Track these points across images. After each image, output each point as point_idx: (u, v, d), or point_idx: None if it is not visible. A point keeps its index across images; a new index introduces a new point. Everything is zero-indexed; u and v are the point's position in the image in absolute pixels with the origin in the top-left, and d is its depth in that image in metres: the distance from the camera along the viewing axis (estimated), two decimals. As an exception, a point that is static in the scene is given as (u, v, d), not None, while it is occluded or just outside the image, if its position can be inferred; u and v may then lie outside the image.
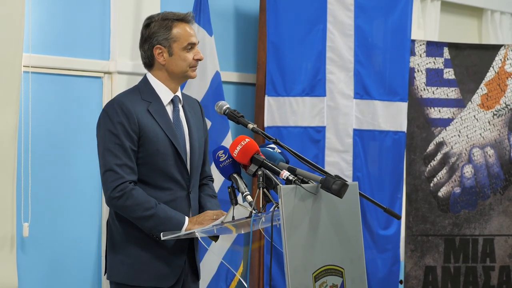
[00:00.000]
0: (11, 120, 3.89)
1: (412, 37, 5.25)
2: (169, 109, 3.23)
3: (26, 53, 3.99)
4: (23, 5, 3.91)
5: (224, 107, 3.12)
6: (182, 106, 3.29)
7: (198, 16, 4.56)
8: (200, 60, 3.22)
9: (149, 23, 3.22)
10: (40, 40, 4.11)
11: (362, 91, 5.06)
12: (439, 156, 5.37)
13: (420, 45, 5.33)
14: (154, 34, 3.19)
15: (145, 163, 3.13)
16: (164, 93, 3.22)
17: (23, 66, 3.98)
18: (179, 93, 3.28)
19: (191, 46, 3.20)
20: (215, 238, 3.15)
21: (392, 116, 5.12)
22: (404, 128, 5.16)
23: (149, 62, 3.25)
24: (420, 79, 5.32)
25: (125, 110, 3.10)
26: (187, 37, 3.19)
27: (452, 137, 5.38)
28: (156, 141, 3.12)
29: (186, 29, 3.20)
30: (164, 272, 3.13)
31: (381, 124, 5.10)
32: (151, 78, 3.24)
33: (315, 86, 4.98)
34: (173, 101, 3.24)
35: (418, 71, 5.32)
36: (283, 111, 4.91)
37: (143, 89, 3.22)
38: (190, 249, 3.21)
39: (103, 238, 4.36)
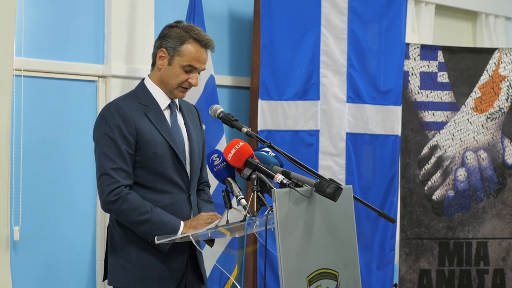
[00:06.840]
0: (4, 123, 3.88)
1: (406, 41, 5.25)
2: (167, 114, 3.23)
3: (19, 56, 3.98)
4: (14, 8, 3.90)
5: (218, 111, 3.12)
6: (180, 111, 3.29)
7: (192, 20, 4.55)
8: (192, 85, 3.20)
9: (173, 26, 3.21)
10: (33, 44, 4.10)
11: (355, 95, 5.06)
12: (433, 160, 5.37)
13: (414, 48, 5.33)
14: (168, 38, 3.18)
15: (143, 166, 3.13)
16: (161, 98, 3.22)
17: (16, 70, 3.97)
18: (176, 99, 3.28)
19: (191, 69, 3.17)
20: (211, 243, 3.15)
21: (385, 120, 5.12)
22: (398, 131, 5.16)
23: (153, 60, 3.25)
24: (414, 82, 5.32)
25: (121, 113, 3.10)
26: (191, 59, 3.16)
27: (445, 140, 5.38)
28: (153, 144, 3.12)
29: (197, 51, 3.16)
30: (165, 276, 3.13)
31: (374, 127, 5.10)
32: (148, 83, 3.24)
33: (309, 90, 4.98)
34: (170, 106, 3.24)
35: (412, 74, 5.32)
36: (275, 114, 4.91)
37: (140, 93, 3.21)
38: (191, 252, 3.20)
39: (98, 242, 4.35)
